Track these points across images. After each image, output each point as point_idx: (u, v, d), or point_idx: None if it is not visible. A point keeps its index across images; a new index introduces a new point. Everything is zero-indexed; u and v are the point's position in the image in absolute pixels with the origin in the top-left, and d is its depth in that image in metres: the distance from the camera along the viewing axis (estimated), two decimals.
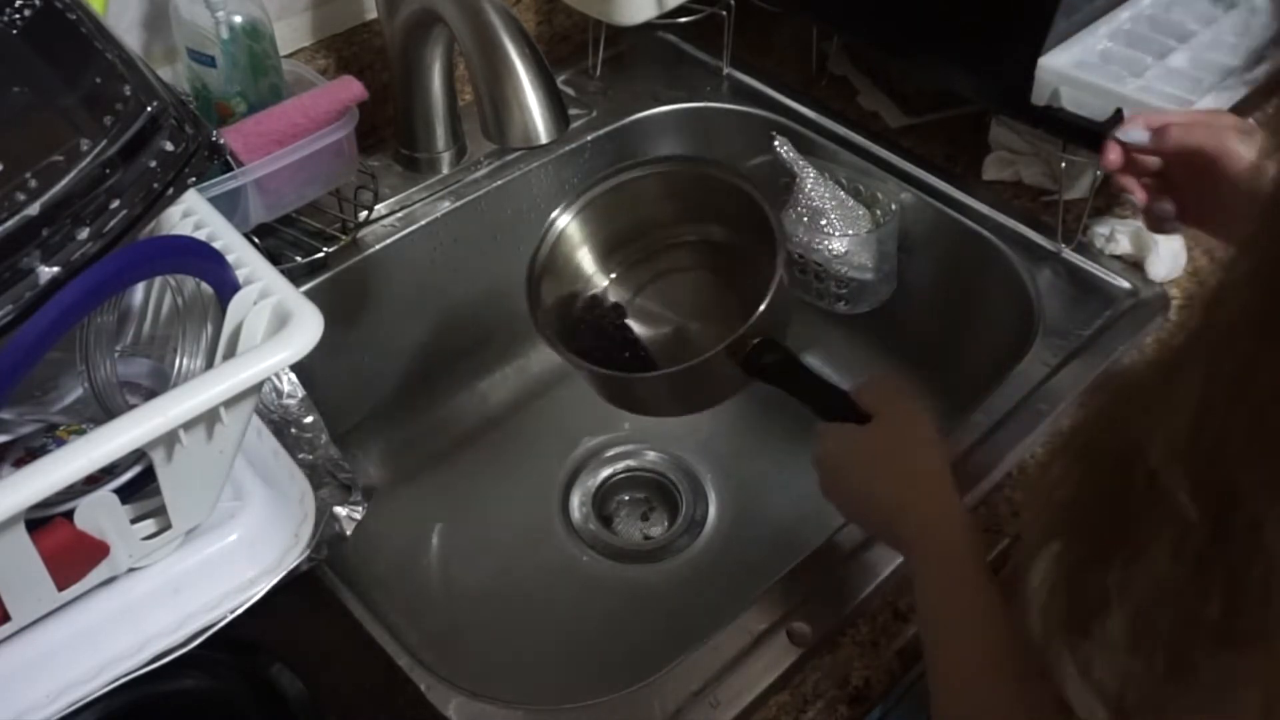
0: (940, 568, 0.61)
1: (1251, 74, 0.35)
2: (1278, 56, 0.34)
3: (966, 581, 0.60)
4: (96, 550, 0.61)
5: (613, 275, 0.87)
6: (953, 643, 0.59)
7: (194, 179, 0.61)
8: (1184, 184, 0.74)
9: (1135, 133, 0.75)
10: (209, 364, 0.65)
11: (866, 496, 0.68)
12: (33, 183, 0.54)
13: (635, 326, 0.86)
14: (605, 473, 1.04)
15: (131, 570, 0.65)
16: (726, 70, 1.15)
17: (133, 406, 0.57)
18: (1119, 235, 0.95)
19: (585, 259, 0.85)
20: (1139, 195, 0.76)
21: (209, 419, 0.59)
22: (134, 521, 0.64)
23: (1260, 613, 0.34)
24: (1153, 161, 0.75)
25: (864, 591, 0.73)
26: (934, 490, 0.65)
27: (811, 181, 1.01)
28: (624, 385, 0.79)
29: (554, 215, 0.82)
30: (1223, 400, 0.35)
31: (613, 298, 0.87)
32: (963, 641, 0.59)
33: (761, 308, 0.73)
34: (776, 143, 1.03)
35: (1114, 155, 0.76)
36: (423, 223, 0.98)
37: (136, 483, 0.62)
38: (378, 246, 0.96)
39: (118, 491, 0.61)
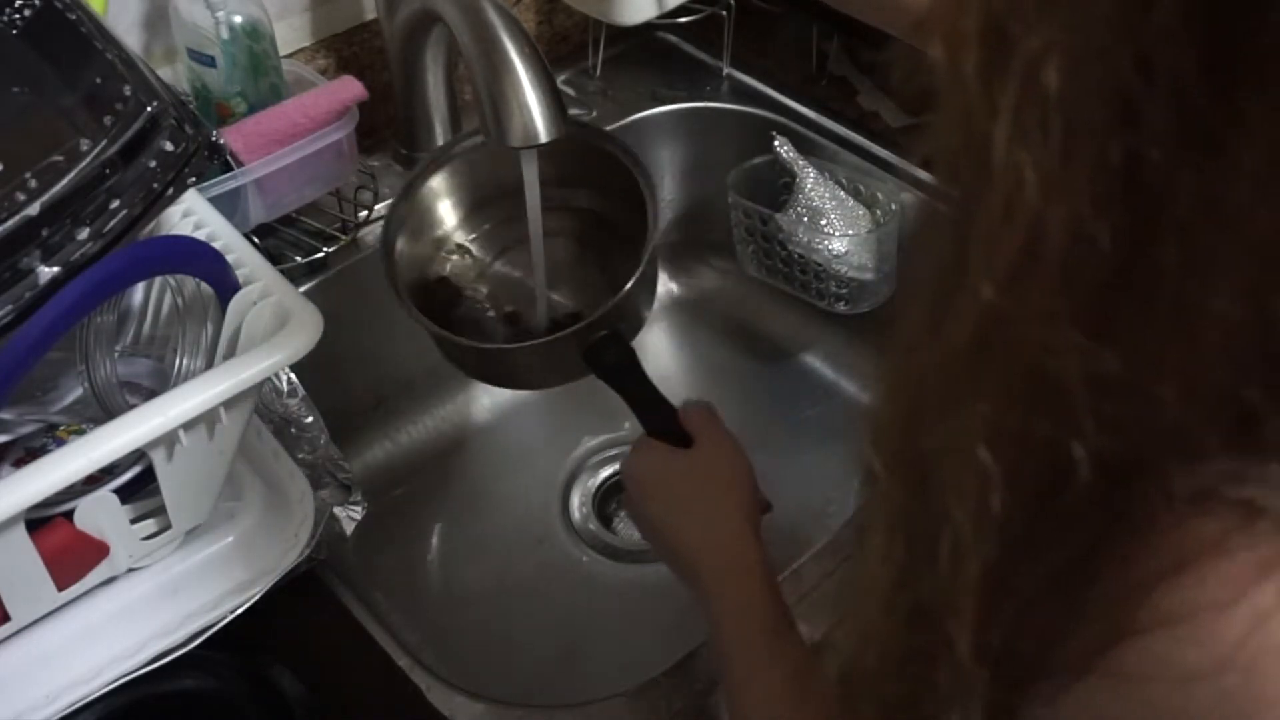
0: (736, 616, 0.61)
1: None
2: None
3: (763, 630, 0.60)
4: (96, 550, 0.61)
5: (474, 236, 0.85)
6: (752, 682, 0.59)
7: (194, 179, 0.61)
8: None
9: None
10: (209, 364, 0.65)
11: (664, 527, 0.67)
12: (33, 183, 0.54)
13: (494, 292, 0.85)
14: (605, 473, 1.04)
15: (131, 570, 0.65)
16: (726, 70, 1.15)
17: (133, 406, 0.57)
18: None
19: (447, 215, 0.84)
20: None
21: (209, 419, 0.59)
22: (134, 521, 0.64)
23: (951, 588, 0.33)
24: None
25: None
26: (733, 536, 0.64)
27: (811, 181, 1.01)
28: (475, 355, 0.78)
29: (419, 167, 0.81)
30: (903, 360, 0.35)
31: (471, 260, 0.85)
32: (761, 682, 0.59)
33: (610, 303, 0.71)
34: (776, 143, 1.03)
35: None
36: None
37: (136, 483, 0.62)
38: (378, 246, 0.96)
39: (118, 491, 0.61)
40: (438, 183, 0.82)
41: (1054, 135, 0.27)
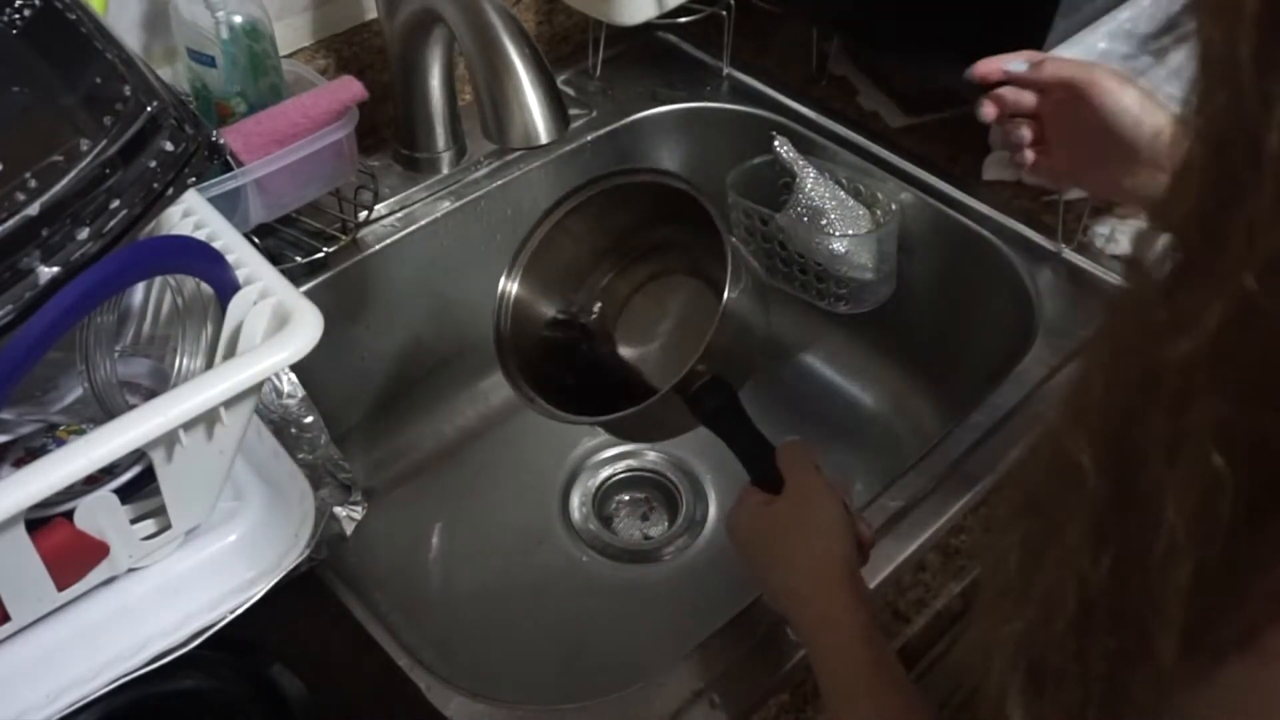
0: (832, 673, 0.61)
1: (1159, 42, 0.35)
2: (1187, 25, 0.33)
3: (863, 674, 0.59)
4: (96, 550, 0.61)
5: (588, 308, 0.84)
6: None
7: (194, 179, 0.61)
8: (1055, 127, 0.74)
9: (1016, 64, 0.75)
10: (209, 364, 0.65)
11: (759, 578, 0.67)
12: (33, 183, 0.54)
13: (627, 350, 0.84)
14: (605, 473, 1.04)
15: (131, 570, 0.65)
16: (726, 70, 1.15)
17: (133, 406, 0.57)
18: (1119, 235, 0.95)
19: (549, 308, 0.82)
20: (1021, 134, 0.75)
21: (209, 419, 0.59)
22: (134, 521, 0.64)
23: (1156, 600, 0.32)
24: (1027, 102, 0.75)
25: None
26: (820, 586, 0.63)
27: (811, 181, 1.01)
28: (611, 425, 0.77)
29: (501, 285, 0.79)
30: (1124, 355, 0.34)
31: (592, 326, 0.84)
32: None
33: (690, 363, 0.69)
34: (776, 143, 1.03)
35: (990, 109, 0.76)
36: (423, 223, 0.98)
37: (136, 483, 0.62)
38: (378, 246, 0.96)
39: (118, 491, 0.61)
40: (524, 291, 0.80)
41: None
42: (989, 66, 0.76)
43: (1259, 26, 0.28)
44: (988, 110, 0.76)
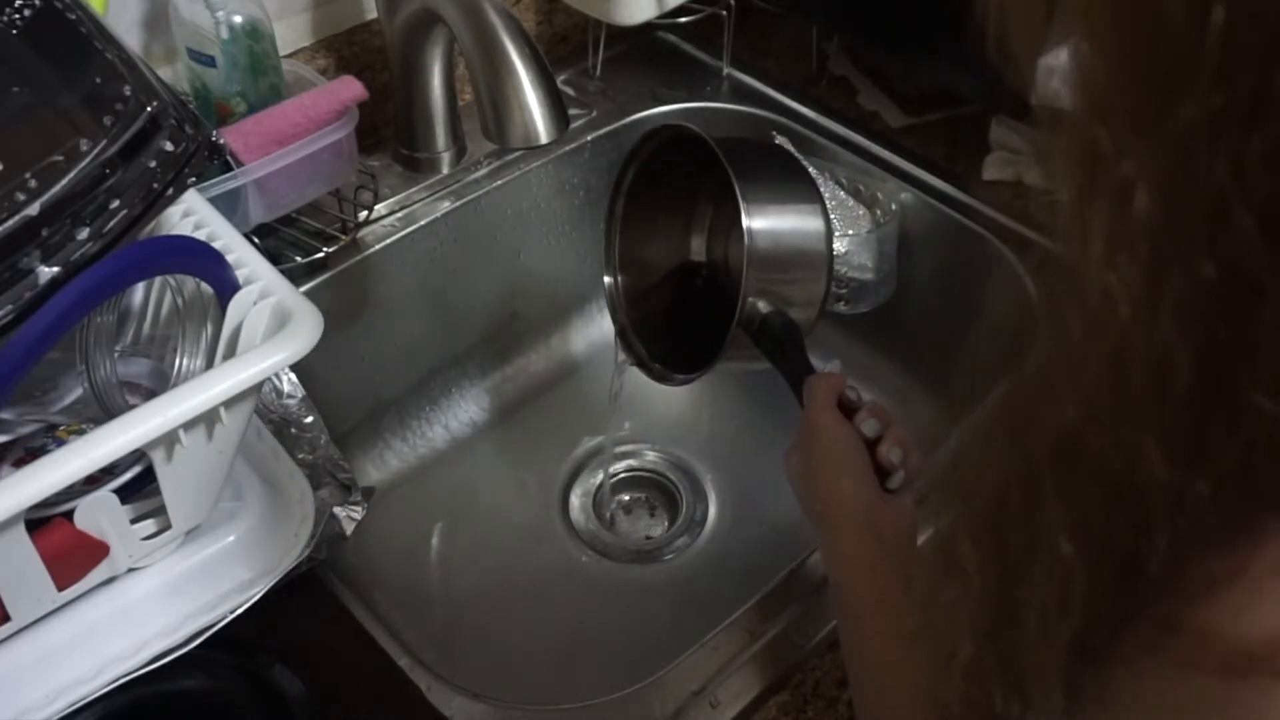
0: (843, 593, 0.62)
1: None
2: None
3: (866, 607, 0.61)
4: (96, 550, 0.61)
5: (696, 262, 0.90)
6: (866, 673, 0.60)
7: (194, 179, 0.61)
8: None
9: None
10: (209, 364, 0.65)
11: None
12: (33, 183, 0.54)
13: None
14: (605, 473, 1.04)
15: (131, 570, 0.65)
16: (726, 70, 1.15)
17: (133, 406, 0.57)
18: None
19: (662, 283, 0.88)
20: None
21: (209, 419, 0.59)
22: (134, 521, 0.64)
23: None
24: None
25: None
26: (828, 520, 0.64)
27: None
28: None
29: (605, 280, 0.86)
30: (986, 454, 0.38)
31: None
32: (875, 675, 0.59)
33: (739, 312, 0.73)
34: (777, 142, 1.03)
35: None
36: (423, 223, 0.98)
37: (136, 483, 0.62)
38: (378, 246, 0.96)
39: (118, 491, 0.61)
40: (624, 281, 0.87)
41: (1142, 256, 0.28)
42: None
43: (1078, 167, 0.30)
44: None
